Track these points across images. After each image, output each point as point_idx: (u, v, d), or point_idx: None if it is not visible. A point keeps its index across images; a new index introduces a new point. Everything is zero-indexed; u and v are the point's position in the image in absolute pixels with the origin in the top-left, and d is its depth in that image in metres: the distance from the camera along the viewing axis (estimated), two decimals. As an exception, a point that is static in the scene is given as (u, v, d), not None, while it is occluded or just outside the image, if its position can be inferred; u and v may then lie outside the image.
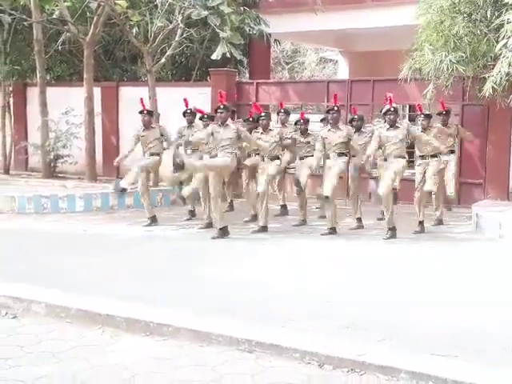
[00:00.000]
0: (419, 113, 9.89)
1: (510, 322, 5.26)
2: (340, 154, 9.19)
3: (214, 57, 11.61)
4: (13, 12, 13.40)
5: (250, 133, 9.58)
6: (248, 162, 10.14)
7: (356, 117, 10.07)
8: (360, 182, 10.06)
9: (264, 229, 9.30)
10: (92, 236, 8.90)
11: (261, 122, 9.81)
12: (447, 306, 5.70)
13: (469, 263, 7.48)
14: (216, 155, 8.83)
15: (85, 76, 13.21)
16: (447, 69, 9.47)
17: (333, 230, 9.10)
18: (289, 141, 9.91)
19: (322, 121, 10.39)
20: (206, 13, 11.19)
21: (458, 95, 11.39)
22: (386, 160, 8.97)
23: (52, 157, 13.77)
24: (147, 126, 9.88)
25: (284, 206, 10.88)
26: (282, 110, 10.82)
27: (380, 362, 4.37)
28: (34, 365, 4.53)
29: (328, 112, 9.46)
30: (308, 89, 13.88)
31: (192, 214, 10.35)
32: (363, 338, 4.78)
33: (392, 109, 8.94)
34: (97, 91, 13.98)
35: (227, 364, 4.56)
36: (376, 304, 5.74)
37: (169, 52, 13.18)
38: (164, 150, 9.90)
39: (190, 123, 10.32)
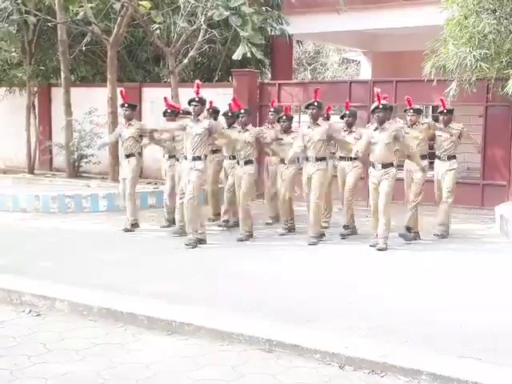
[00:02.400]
0: (408, 107, 9.03)
1: (534, 325, 5.21)
2: (319, 159, 8.37)
3: (235, 57, 11.63)
4: (38, 13, 13.55)
5: (229, 127, 9.25)
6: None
7: (348, 112, 9.25)
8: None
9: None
10: (115, 235, 8.96)
11: (240, 119, 9.02)
12: (472, 310, 5.66)
13: (496, 267, 7.39)
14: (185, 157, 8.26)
15: (108, 77, 13.30)
16: (470, 65, 9.35)
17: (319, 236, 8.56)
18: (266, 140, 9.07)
19: (342, 118, 9.92)
20: (227, 13, 11.22)
21: (481, 96, 11.27)
22: (373, 166, 8.23)
23: (76, 156, 13.90)
24: (128, 121, 9.36)
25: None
26: (272, 109, 9.99)
27: (401, 364, 4.36)
28: (57, 362, 4.58)
29: (307, 107, 8.61)
30: (330, 89, 13.80)
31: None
32: (385, 340, 4.76)
33: (380, 106, 8.12)
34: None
35: (248, 363, 4.58)
36: (399, 307, 5.72)
37: (191, 53, 13.22)
38: (140, 152, 9.40)
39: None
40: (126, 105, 9.36)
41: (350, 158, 8.99)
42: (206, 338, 5.02)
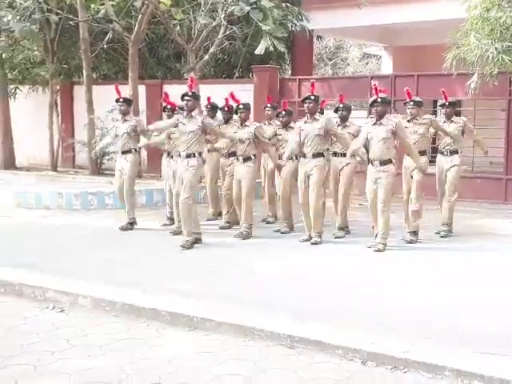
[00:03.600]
0: (408, 100, 8.54)
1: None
2: (316, 155, 8.07)
3: (257, 51, 11.62)
4: (59, 11, 13.66)
5: (226, 123, 9.04)
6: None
7: (341, 106, 8.79)
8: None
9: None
10: (138, 232, 9.00)
11: (239, 114, 8.71)
12: (497, 308, 5.61)
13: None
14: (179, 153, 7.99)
15: (130, 74, 13.39)
16: (492, 58, 9.23)
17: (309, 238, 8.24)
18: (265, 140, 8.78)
19: (336, 111, 9.39)
20: (248, 8, 11.22)
21: (504, 90, 11.15)
22: (371, 163, 7.80)
23: (98, 154, 14.00)
24: (123, 116, 9.18)
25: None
26: (269, 105, 9.69)
27: (424, 360, 4.33)
28: (80, 357, 4.62)
29: (303, 101, 8.25)
30: (351, 85, 13.76)
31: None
32: (407, 336, 4.74)
33: (379, 99, 7.71)
34: (141, 89, 14.15)
35: (270, 359, 4.58)
36: (422, 303, 5.68)
37: (212, 49, 13.24)
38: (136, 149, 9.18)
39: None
40: (122, 100, 9.16)
41: (344, 154, 8.57)
42: (228, 333, 5.03)
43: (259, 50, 11.52)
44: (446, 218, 8.75)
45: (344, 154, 8.53)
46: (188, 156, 7.82)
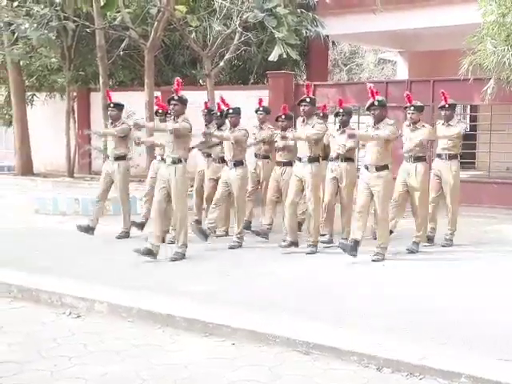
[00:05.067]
0: (409, 104, 8.26)
1: None
2: (311, 160, 7.86)
3: (271, 58, 11.66)
4: (76, 19, 13.78)
5: (218, 128, 8.77)
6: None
7: (341, 110, 8.57)
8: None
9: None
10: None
11: (229, 119, 8.45)
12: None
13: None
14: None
15: (146, 81, 13.45)
16: (509, 64, 9.18)
17: (293, 244, 8.01)
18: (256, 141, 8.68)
19: (336, 116, 8.83)
20: (262, 15, 11.26)
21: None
22: (366, 168, 7.56)
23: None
24: (114, 121, 9.01)
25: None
26: (261, 108, 9.38)
27: (440, 366, 4.32)
28: (96, 363, 4.64)
29: (299, 104, 8.03)
30: (366, 90, 13.73)
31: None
32: (423, 342, 4.72)
33: (376, 103, 7.46)
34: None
35: (285, 365, 4.58)
36: (437, 308, 5.66)
37: (227, 56, 13.29)
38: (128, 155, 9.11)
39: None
40: (112, 105, 9.00)
41: (345, 158, 8.44)
42: (243, 339, 5.03)
43: (272, 57, 11.55)
44: (450, 227, 8.40)
45: (346, 159, 8.38)
46: (174, 162, 7.50)
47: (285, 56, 11.56)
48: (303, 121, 8.04)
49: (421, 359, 4.41)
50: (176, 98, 7.52)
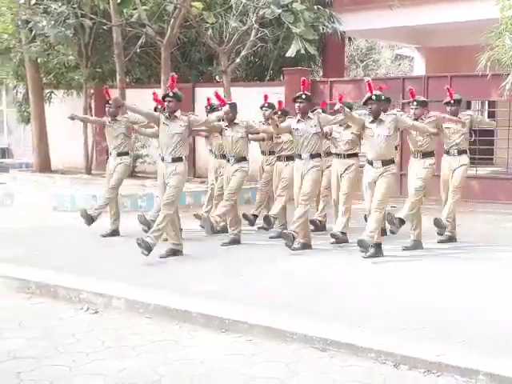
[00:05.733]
0: (412, 99, 8.13)
1: None
2: (313, 156, 7.79)
3: (288, 54, 11.65)
4: (93, 16, 13.84)
5: None
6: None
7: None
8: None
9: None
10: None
11: (226, 116, 8.27)
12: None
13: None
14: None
15: (162, 78, 13.48)
16: (527, 60, 9.10)
17: (304, 246, 7.89)
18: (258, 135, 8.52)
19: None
20: (279, 11, 11.24)
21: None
22: (370, 164, 7.44)
23: (131, 157, 14.11)
24: (113, 118, 9.02)
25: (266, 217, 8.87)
26: (266, 105, 9.11)
27: (457, 363, 4.29)
28: (114, 359, 4.67)
29: (294, 101, 7.89)
30: (382, 86, 13.68)
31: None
32: (440, 339, 4.70)
33: (373, 97, 7.32)
34: (174, 92, 14.23)
35: (302, 362, 4.58)
36: (454, 306, 5.63)
37: (243, 52, 13.29)
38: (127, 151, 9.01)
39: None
40: (110, 102, 8.80)
41: (348, 155, 8.35)
42: (260, 336, 5.04)
43: (290, 53, 11.54)
44: (445, 216, 8.08)
45: (349, 155, 8.31)
46: (174, 160, 7.38)
47: (302, 51, 11.53)
48: (298, 120, 7.91)
49: (438, 356, 4.39)
50: (171, 94, 7.43)
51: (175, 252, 7.53)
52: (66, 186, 14.18)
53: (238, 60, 13.43)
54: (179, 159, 7.41)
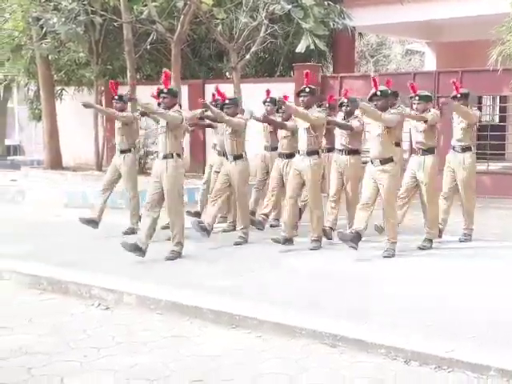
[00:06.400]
0: (413, 94, 7.82)
1: None
2: (310, 153, 7.56)
3: (298, 49, 11.64)
4: (104, 13, 13.86)
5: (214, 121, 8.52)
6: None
7: (346, 101, 8.11)
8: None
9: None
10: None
11: (225, 111, 8.05)
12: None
13: None
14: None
15: (172, 74, 13.45)
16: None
17: (286, 241, 7.69)
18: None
19: (340, 106, 8.59)
20: (289, 6, 11.23)
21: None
22: (371, 162, 7.37)
23: (142, 153, 14.14)
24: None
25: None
26: (268, 100, 9.01)
27: (469, 359, 4.29)
28: (125, 354, 4.70)
29: (298, 95, 7.76)
30: (393, 82, 13.63)
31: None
32: (451, 335, 4.69)
33: (378, 93, 7.16)
34: (184, 89, 14.26)
35: (311, 357, 4.58)
36: (464, 303, 5.61)
37: (253, 48, 13.27)
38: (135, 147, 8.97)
39: None
40: (117, 97, 8.88)
41: (350, 151, 8.12)
42: (269, 332, 5.05)
43: (300, 49, 11.52)
44: (467, 223, 8.08)
45: (351, 152, 8.08)
46: (165, 157, 7.25)
47: (312, 47, 11.51)
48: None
49: (449, 352, 4.38)
50: (165, 90, 7.28)
51: (139, 249, 7.12)
52: (77, 182, 14.22)
53: (247, 56, 13.41)
54: (176, 155, 7.28)
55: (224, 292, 5.86)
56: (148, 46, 14.91)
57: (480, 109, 13.78)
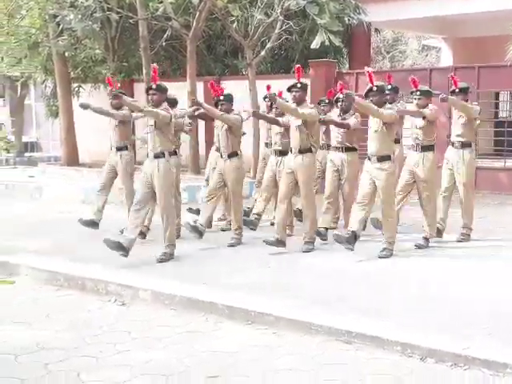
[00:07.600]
0: (415, 89, 7.56)
1: None
2: (302, 151, 7.32)
3: (313, 45, 11.63)
4: (120, 10, 13.91)
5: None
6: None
7: (341, 96, 7.82)
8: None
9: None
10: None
11: (219, 107, 7.85)
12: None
13: None
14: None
15: (188, 71, 13.52)
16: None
17: (277, 241, 7.42)
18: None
19: (336, 102, 8.28)
20: (304, 2, 11.22)
21: None
22: (368, 159, 7.17)
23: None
24: (118, 110, 8.76)
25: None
26: (268, 95, 8.32)
27: (485, 357, 4.26)
28: (141, 350, 4.72)
29: (289, 90, 7.49)
30: (409, 77, 13.57)
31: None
32: (467, 332, 4.66)
33: (375, 88, 6.98)
34: (199, 85, 14.27)
35: (327, 354, 4.58)
36: (481, 299, 5.58)
37: (269, 45, 13.27)
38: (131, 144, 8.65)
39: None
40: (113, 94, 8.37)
41: (347, 148, 7.97)
42: (285, 328, 5.05)
43: (315, 44, 11.51)
44: (465, 221, 7.86)
45: (348, 149, 7.95)
46: (157, 156, 7.06)
47: (327, 43, 11.49)
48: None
49: (465, 349, 4.35)
50: (154, 87, 7.07)
51: (121, 247, 6.89)
52: (93, 179, 14.27)
53: (263, 53, 13.40)
54: (162, 154, 7.06)
55: (239, 288, 5.86)
56: (163, 43, 14.96)
57: (497, 105, 13.71)
